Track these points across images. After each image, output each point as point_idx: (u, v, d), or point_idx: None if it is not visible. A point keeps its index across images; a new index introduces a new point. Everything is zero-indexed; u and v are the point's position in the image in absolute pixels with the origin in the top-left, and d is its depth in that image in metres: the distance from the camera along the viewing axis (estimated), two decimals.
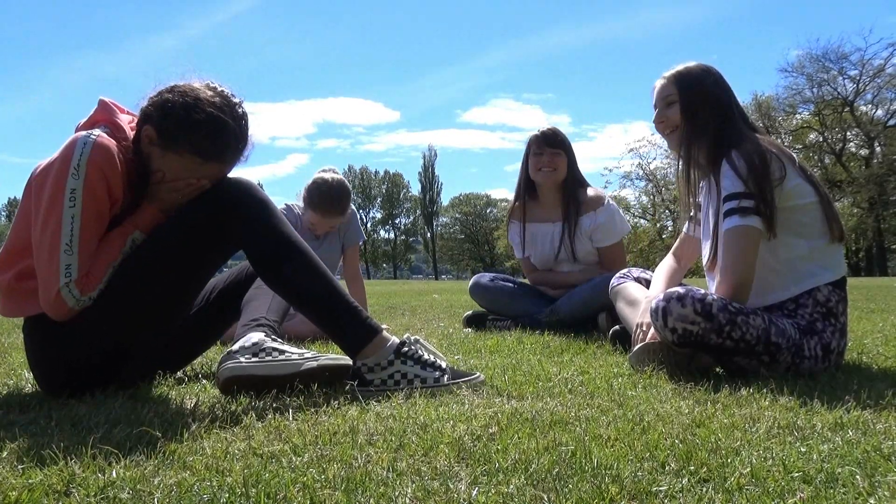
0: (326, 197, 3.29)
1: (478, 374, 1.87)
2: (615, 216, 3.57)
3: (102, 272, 1.74)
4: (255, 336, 1.81)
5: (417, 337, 1.85)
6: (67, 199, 1.67)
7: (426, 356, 1.81)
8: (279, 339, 1.85)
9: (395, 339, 1.79)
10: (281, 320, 1.98)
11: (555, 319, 3.39)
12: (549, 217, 3.65)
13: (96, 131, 1.74)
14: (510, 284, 3.75)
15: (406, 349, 1.78)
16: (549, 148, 3.54)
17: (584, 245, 3.57)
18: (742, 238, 2.01)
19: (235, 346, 1.78)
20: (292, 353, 1.78)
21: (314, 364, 1.77)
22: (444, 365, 1.82)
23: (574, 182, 3.58)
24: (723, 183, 2.06)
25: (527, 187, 3.68)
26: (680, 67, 2.26)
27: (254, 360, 1.74)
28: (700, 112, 2.19)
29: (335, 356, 1.85)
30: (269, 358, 1.75)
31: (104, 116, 1.84)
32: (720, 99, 2.19)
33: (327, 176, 3.35)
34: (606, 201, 3.59)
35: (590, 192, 3.60)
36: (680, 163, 2.23)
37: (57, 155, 1.72)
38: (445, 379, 1.78)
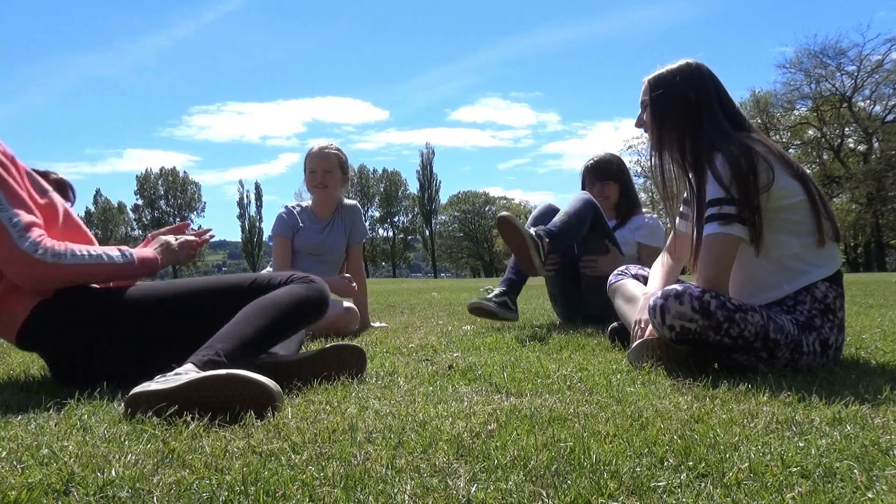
0: (319, 142, 3.71)
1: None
2: (659, 225, 3.84)
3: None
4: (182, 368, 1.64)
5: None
6: None
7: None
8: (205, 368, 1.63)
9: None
10: (233, 346, 1.74)
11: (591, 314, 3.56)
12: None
13: None
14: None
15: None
16: (598, 181, 3.84)
17: (627, 243, 3.75)
18: (718, 245, 2.03)
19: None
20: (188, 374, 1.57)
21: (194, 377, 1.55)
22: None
23: (629, 205, 3.87)
24: (707, 188, 2.07)
25: None
26: (661, 70, 2.27)
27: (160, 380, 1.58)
28: (668, 117, 2.21)
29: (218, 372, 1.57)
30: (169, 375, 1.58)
31: None
32: (689, 102, 2.18)
33: None
34: (655, 216, 3.92)
35: (645, 213, 3.91)
36: (654, 165, 2.26)
37: None
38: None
